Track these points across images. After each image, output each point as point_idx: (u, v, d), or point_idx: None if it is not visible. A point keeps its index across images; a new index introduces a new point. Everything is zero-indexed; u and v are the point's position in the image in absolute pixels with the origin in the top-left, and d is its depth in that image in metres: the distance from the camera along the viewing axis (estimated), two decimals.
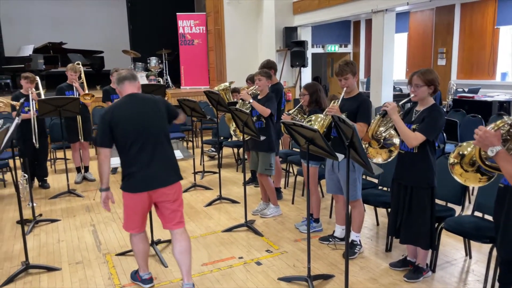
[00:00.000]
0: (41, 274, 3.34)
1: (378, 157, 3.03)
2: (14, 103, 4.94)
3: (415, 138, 2.77)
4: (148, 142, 2.76)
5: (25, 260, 3.39)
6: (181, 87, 10.94)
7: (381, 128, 2.95)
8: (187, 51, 10.81)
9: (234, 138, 7.28)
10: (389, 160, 3.07)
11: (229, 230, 4.13)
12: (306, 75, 10.34)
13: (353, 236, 3.62)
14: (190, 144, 8.46)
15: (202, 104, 8.06)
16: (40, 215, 4.59)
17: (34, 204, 4.41)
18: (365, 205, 3.81)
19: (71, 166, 6.13)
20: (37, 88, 5.59)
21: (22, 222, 3.40)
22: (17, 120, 3.14)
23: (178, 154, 3.95)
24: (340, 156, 2.80)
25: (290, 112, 3.97)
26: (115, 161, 4.28)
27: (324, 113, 3.41)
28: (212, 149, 7.44)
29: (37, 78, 5.63)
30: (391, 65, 8.28)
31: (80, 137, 5.82)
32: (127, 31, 13.33)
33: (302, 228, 4.07)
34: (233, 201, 4.98)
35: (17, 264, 3.51)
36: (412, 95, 2.90)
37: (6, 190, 5.71)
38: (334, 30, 11.30)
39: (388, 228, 3.29)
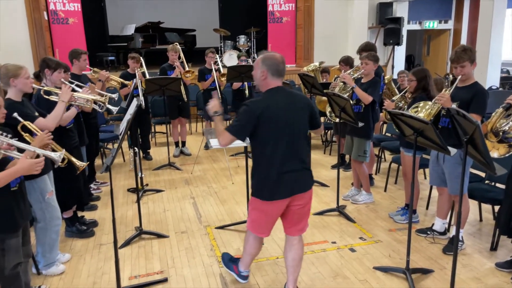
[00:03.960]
0: (152, 240, 3.72)
1: (494, 152, 2.81)
2: (126, 82, 5.39)
3: None
4: (294, 142, 2.50)
5: (139, 226, 3.79)
6: None
7: (502, 121, 2.72)
8: (275, 29, 10.80)
9: (322, 120, 7.23)
10: (506, 155, 2.83)
11: (321, 213, 4.18)
12: (399, 53, 9.80)
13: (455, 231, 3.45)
14: None
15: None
16: (147, 185, 5.05)
17: (143, 175, 4.85)
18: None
19: (169, 139, 6.58)
20: (141, 67, 6.04)
21: (138, 192, 3.81)
22: (136, 102, 3.45)
23: None
24: (453, 151, 2.65)
25: (394, 98, 3.82)
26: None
27: (433, 101, 3.23)
28: None
29: (142, 58, 6.08)
30: (499, 45, 7.51)
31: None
32: (217, 10, 13.67)
33: (397, 218, 3.97)
34: (323, 184, 5.00)
35: (131, 229, 3.94)
36: None
37: (115, 160, 6.34)
38: (434, 4, 10.41)
39: (499, 226, 3.09)
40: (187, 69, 6.16)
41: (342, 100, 3.83)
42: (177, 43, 6.64)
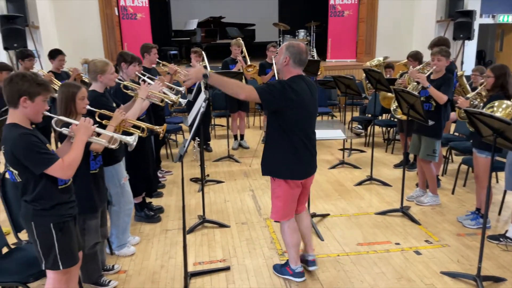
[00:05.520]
0: (215, 229, 3.84)
1: None
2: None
3: None
4: (312, 126, 2.81)
5: (202, 214, 3.93)
6: (327, 60, 10.85)
7: None
8: (336, 23, 10.58)
9: (385, 117, 7.01)
10: None
11: (383, 213, 4.07)
12: (470, 48, 9.21)
13: None
14: (334, 119, 8.45)
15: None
16: (208, 175, 5.21)
17: (204, 166, 5.00)
18: None
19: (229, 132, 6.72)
20: (203, 61, 6.20)
21: (203, 182, 3.94)
22: (204, 95, 3.55)
23: (339, 133, 4.01)
24: None
25: (469, 96, 3.62)
26: None
27: None
28: (359, 126, 7.30)
29: (203, 52, 6.24)
30: None
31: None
32: (277, 4, 13.69)
33: (466, 223, 3.78)
34: (384, 184, 4.86)
35: (194, 217, 4.09)
36: None
37: (177, 149, 6.61)
38: None
39: None
40: (249, 63, 6.24)
41: (412, 97, 3.69)
42: (239, 38, 6.75)
